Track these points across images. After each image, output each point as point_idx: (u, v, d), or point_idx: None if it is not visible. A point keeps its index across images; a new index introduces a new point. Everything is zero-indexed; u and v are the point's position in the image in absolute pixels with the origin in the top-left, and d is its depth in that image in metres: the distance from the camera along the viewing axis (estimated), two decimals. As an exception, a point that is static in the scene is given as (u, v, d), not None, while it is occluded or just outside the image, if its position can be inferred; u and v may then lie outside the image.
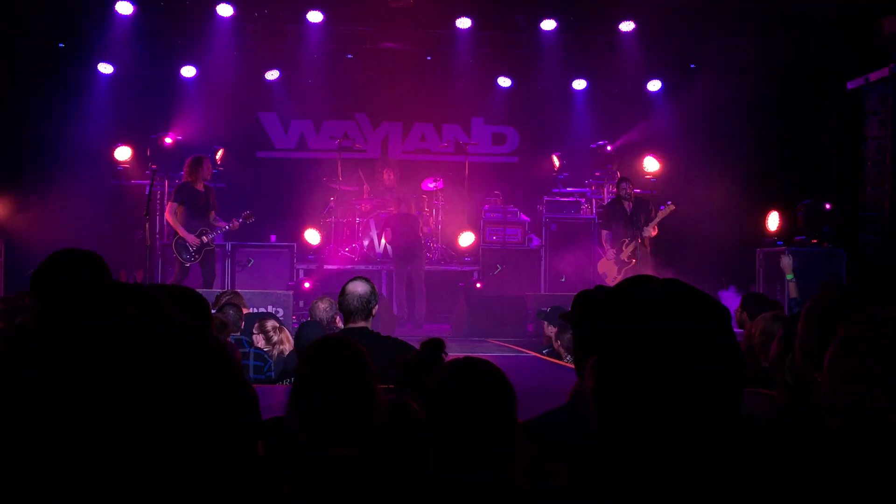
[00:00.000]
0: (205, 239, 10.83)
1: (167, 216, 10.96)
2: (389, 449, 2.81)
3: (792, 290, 8.80)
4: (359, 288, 5.06)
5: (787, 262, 9.02)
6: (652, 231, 11.92)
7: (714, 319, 1.48)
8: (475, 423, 2.35)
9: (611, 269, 12.03)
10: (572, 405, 2.68)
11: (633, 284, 2.88)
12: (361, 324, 5.02)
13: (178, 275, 10.81)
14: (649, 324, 1.47)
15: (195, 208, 10.86)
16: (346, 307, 5.04)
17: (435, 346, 3.17)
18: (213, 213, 11.07)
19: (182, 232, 10.68)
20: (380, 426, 2.76)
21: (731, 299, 11.59)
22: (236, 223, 11.04)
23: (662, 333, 1.45)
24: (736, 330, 6.83)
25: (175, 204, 10.82)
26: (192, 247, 10.77)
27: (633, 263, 11.78)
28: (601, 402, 1.50)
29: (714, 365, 1.44)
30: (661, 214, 11.93)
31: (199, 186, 10.93)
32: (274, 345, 5.89)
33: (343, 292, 5.08)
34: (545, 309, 9.16)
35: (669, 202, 11.97)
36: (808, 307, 2.73)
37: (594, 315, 2.84)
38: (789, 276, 9.03)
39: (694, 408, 1.42)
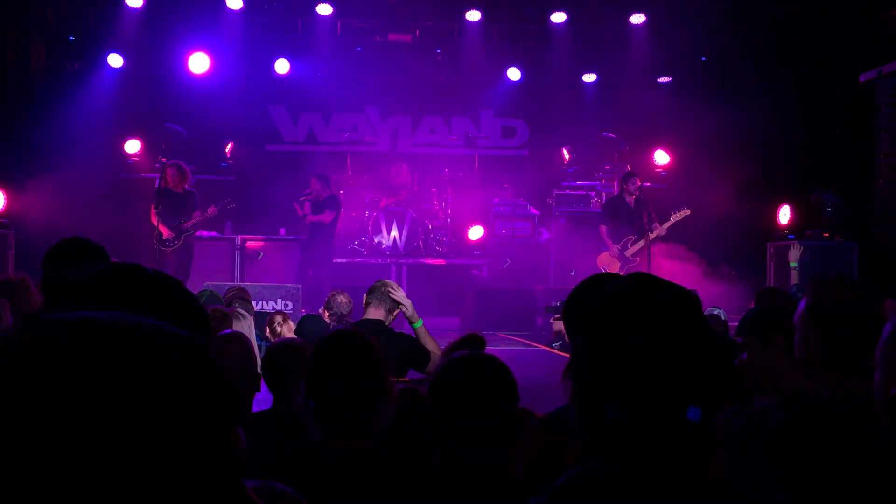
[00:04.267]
0: (182, 227, 11.36)
1: (151, 219, 11.51)
2: (396, 436, 2.81)
3: (794, 278, 8.92)
4: (393, 283, 5.30)
5: (794, 253, 9.21)
6: (662, 231, 11.81)
7: (683, 308, 1.46)
8: (475, 414, 2.35)
9: (612, 264, 11.85)
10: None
11: (598, 281, 2.87)
12: (381, 314, 5.09)
13: (174, 265, 11.21)
14: (617, 318, 1.46)
15: (171, 209, 11.39)
16: (374, 290, 5.16)
17: (476, 342, 3.13)
18: (194, 214, 11.51)
19: (160, 227, 11.28)
20: (392, 418, 2.76)
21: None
22: (214, 210, 11.50)
23: (632, 327, 1.44)
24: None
25: (153, 207, 11.41)
26: (165, 235, 11.33)
27: (636, 262, 11.67)
28: (577, 402, 1.49)
29: (690, 354, 1.42)
30: (674, 217, 11.78)
31: (177, 189, 11.49)
32: (278, 336, 5.94)
33: (379, 280, 5.34)
34: (554, 304, 9.15)
35: (685, 206, 11.83)
36: (808, 305, 2.67)
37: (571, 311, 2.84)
38: (793, 264, 9.18)
39: (671, 397, 1.40)
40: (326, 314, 6.77)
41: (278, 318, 6.18)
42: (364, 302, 5.25)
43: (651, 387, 1.39)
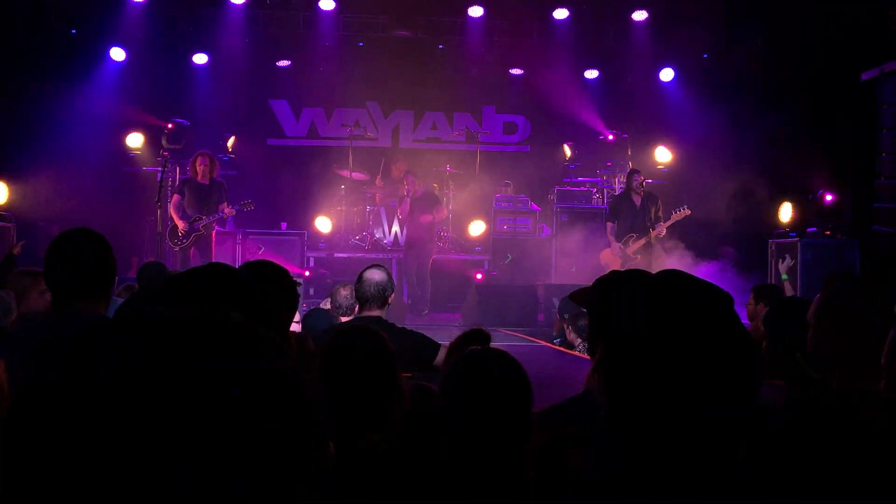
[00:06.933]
0: (196, 225, 11.28)
1: (170, 207, 11.55)
2: (412, 435, 2.81)
3: (787, 289, 9.04)
4: (375, 275, 5.06)
5: (785, 264, 9.49)
6: (662, 231, 11.83)
7: (717, 305, 1.47)
8: (488, 410, 2.35)
9: (614, 261, 11.86)
10: (587, 394, 2.67)
11: (632, 276, 2.88)
12: (376, 312, 5.01)
13: (179, 261, 11.12)
14: (652, 314, 1.46)
15: (195, 200, 11.38)
16: (362, 294, 5.03)
17: (481, 338, 3.12)
18: (220, 207, 11.42)
19: (175, 219, 11.33)
20: (404, 413, 2.76)
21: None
22: (230, 211, 11.47)
23: (667, 323, 1.44)
24: (745, 322, 6.76)
25: (177, 196, 11.50)
26: (180, 232, 11.29)
27: (637, 259, 11.66)
28: (609, 397, 1.49)
29: (723, 351, 1.43)
30: (674, 217, 11.80)
31: (203, 180, 11.44)
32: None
33: (360, 279, 5.09)
34: (556, 305, 9.19)
35: (685, 206, 11.84)
36: (820, 302, 2.68)
37: (599, 304, 2.84)
38: (784, 276, 9.37)
39: (707, 395, 1.41)
40: (331, 308, 6.75)
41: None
42: (354, 297, 5.20)
43: (681, 384, 1.40)
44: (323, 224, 13.79)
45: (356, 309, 6.56)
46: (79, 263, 3.14)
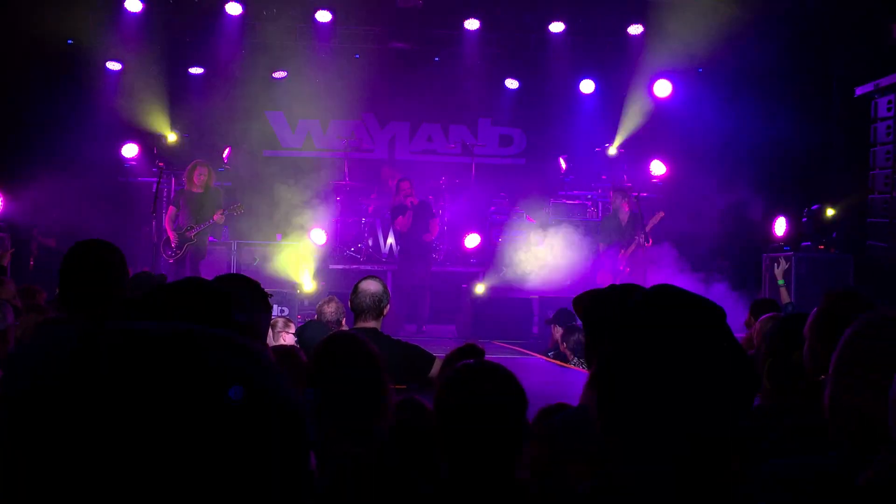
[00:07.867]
0: (187, 234, 11.24)
1: (164, 219, 11.50)
2: (399, 446, 2.81)
3: (784, 296, 9.06)
4: (371, 286, 5.03)
5: (781, 268, 9.52)
6: (647, 241, 11.97)
7: (709, 319, 1.48)
8: (483, 424, 2.35)
9: (606, 279, 12.04)
10: (584, 408, 2.68)
11: (624, 291, 2.88)
12: (372, 323, 4.99)
13: (174, 272, 11.12)
14: (645, 328, 1.47)
15: (190, 210, 11.34)
16: (357, 305, 5.00)
17: (475, 353, 3.12)
18: (216, 214, 11.27)
19: (168, 231, 11.28)
20: (391, 424, 2.76)
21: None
22: (220, 217, 11.35)
23: (659, 338, 1.45)
24: (740, 334, 6.76)
25: (172, 208, 11.47)
26: (172, 242, 11.27)
27: (626, 272, 11.84)
28: (604, 410, 1.50)
29: (715, 365, 1.43)
30: (651, 222, 12.05)
31: (197, 189, 11.37)
32: (278, 342, 5.93)
33: (355, 290, 5.05)
34: (549, 316, 9.18)
35: (658, 210, 12.06)
36: (817, 316, 2.70)
37: (595, 318, 2.85)
38: (780, 282, 9.39)
39: (701, 408, 1.42)
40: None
41: (280, 324, 6.15)
42: (350, 308, 5.18)
43: (674, 397, 1.41)
44: (318, 236, 13.78)
45: (343, 322, 6.58)
46: (92, 272, 3.19)
